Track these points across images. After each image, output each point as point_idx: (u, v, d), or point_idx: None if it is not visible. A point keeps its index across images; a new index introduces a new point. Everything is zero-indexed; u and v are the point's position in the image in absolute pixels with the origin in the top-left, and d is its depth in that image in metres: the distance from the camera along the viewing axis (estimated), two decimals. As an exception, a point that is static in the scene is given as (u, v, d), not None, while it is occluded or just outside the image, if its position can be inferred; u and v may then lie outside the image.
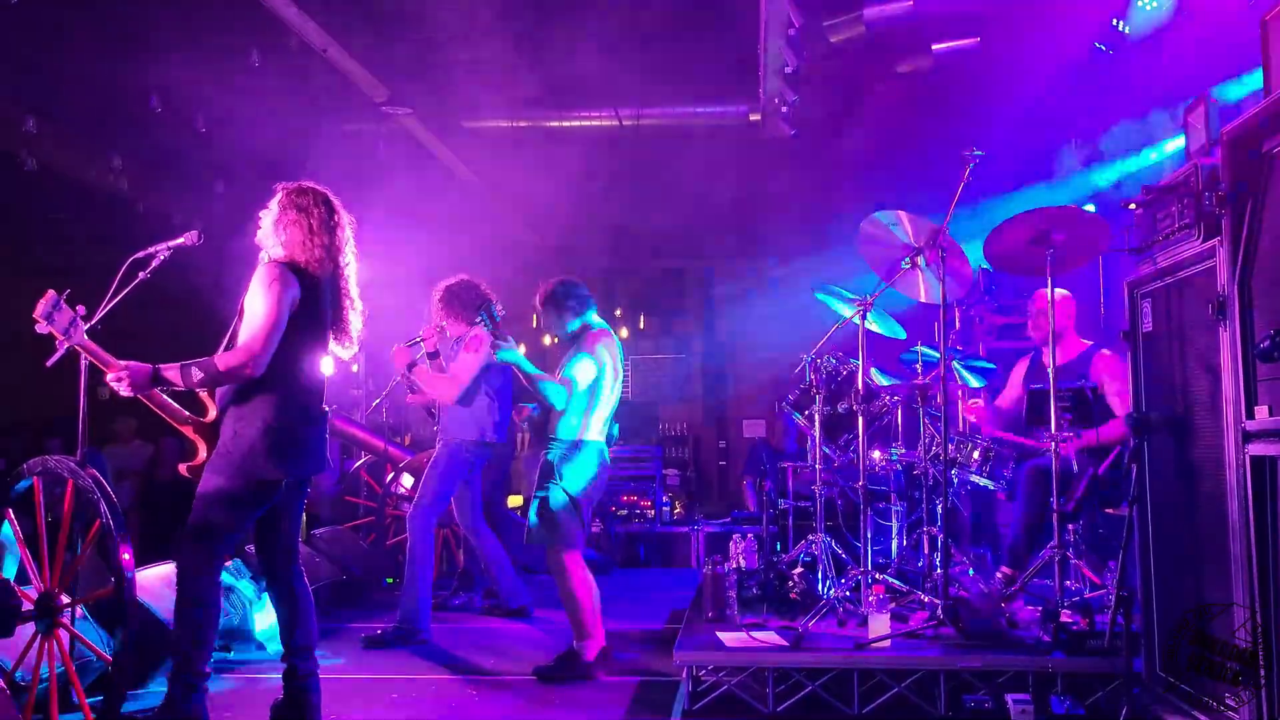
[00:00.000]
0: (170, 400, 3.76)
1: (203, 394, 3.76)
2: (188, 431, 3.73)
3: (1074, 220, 4.25)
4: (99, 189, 7.00)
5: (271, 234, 3.75)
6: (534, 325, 10.18)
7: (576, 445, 4.54)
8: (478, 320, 4.65)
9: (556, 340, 5.84)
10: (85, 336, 3.58)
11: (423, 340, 5.65)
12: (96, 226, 6.71)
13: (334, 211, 3.81)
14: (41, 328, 3.47)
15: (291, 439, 3.66)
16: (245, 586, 5.10)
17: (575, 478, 4.51)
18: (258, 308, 3.58)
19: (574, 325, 4.71)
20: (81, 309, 3.56)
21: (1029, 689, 3.77)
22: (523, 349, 4.55)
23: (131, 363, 3.59)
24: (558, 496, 4.48)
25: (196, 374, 3.54)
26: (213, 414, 3.72)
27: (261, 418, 3.61)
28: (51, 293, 3.49)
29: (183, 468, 3.73)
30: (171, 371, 3.56)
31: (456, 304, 5.54)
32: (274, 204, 3.77)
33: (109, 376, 3.58)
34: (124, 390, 3.58)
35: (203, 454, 3.69)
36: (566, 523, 4.48)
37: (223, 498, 3.60)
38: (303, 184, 3.80)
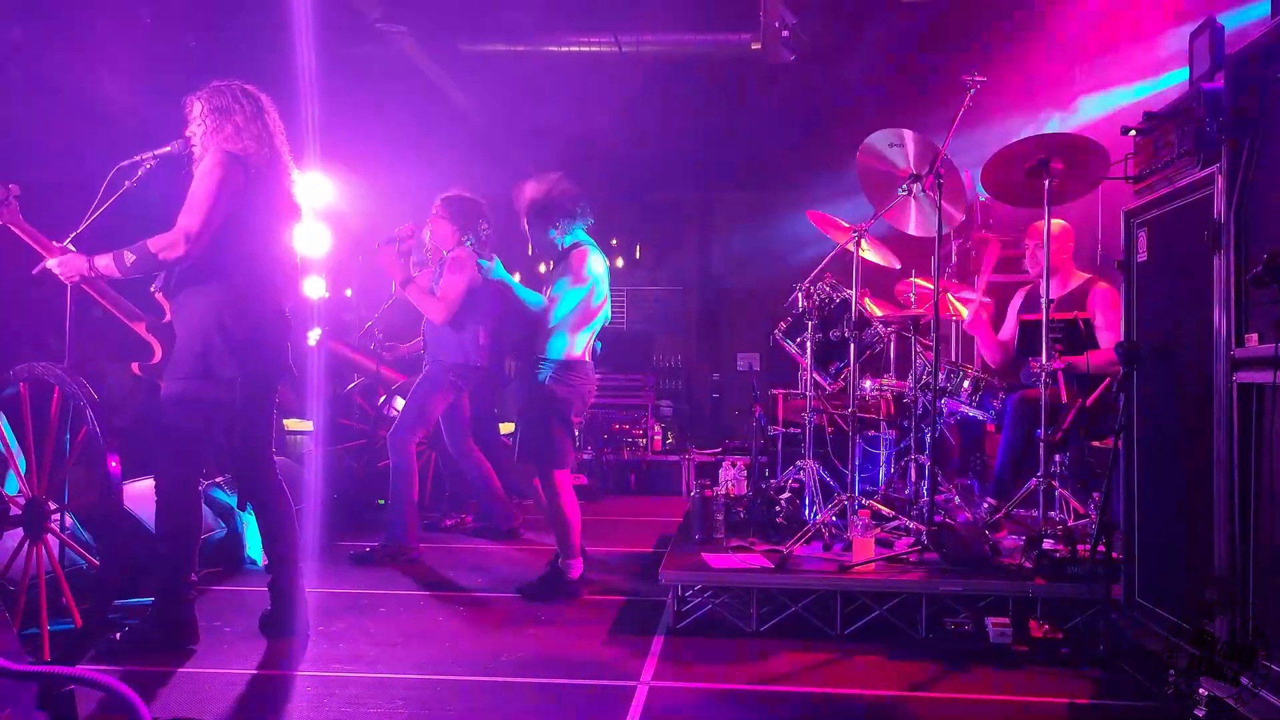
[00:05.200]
0: (120, 295, 3.75)
1: (159, 294, 3.74)
2: (141, 330, 3.72)
3: (1073, 148, 4.20)
4: (85, 102, 6.89)
5: (202, 142, 3.69)
6: (529, 253, 10.17)
7: (567, 364, 4.53)
8: (464, 241, 4.61)
9: (551, 264, 5.82)
10: (19, 215, 3.54)
11: (399, 239, 5.63)
12: (81, 142, 6.61)
13: (258, 99, 3.76)
14: None
15: (240, 337, 3.65)
16: (234, 501, 5.13)
17: (565, 398, 4.51)
18: (197, 190, 3.56)
19: (562, 240, 4.66)
20: (15, 188, 3.53)
21: (1009, 613, 3.82)
22: (518, 276, 4.52)
23: (69, 250, 3.58)
24: (549, 415, 4.48)
25: (129, 257, 3.55)
26: (170, 315, 3.71)
27: (208, 316, 3.61)
28: None
29: (135, 367, 3.72)
30: (105, 259, 3.57)
31: (450, 216, 5.48)
32: (196, 114, 3.71)
33: (46, 261, 3.59)
34: (60, 275, 3.59)
35: (158, 354, 3.68)
36: (558, 441, 4.49)
37: (182, 400, 3.62)
38: (216, 84, 3.74)
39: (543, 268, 9.50)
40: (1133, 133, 3.59)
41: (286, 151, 3.85)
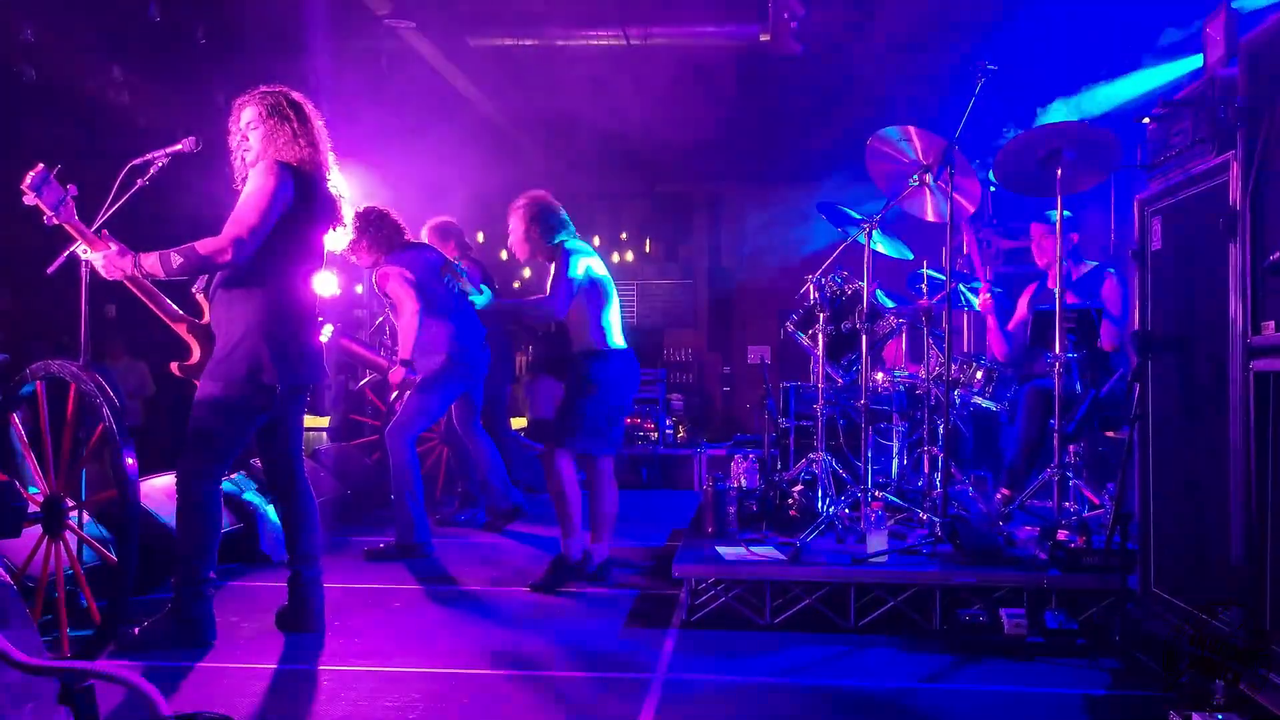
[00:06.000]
0: (163, 295, 3.76)
1: (199, 295, 3.76)
2: (181, 330, 3.75)
3: (1085, 137, 4.17)
4: (98, 99, 6.93)
5: (259, 150, 3.69)
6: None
7: (603, 354, 4.60)
8: (445, 282, 4.65)
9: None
10: (75, 216, 3.55)
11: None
12: (96, 140, 6.64)
13: (305, 107, 3.78)
14: (29, 199, 3.41)
15: (285, 343, 3.66)
16: (252, 498, 5.16)
17: (603, 383, 4.57)
18: (249, 197, 3.56)
19: (552, 242, 4.71)
20: (73, 188, 3.52)
21: (1024, 604, 3.81)
22: (522, 279, 4.54)
23: (116, 246, 3.59)
24: (575, 399, 4.54)
25: (175, 259, 3.52)
26: (209, 316, 3.73)
27: (253, 322, 3.62)
28: (41, 166, 3.42)
29: (174, 366, 3.75)
30: (151, 259, 3.55)
31: (368, 241, 5.46)
32: (252, 118, 3.70)
33: (93, 256, 3.58)
34: (103, 272, 3.59)
35: (196, 354, 3.70)
36: (572, 422, 4.53)
37: (219, 404, 3.63)
38: (264, 90, 3.74)
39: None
40: (1146, 120, 3.56)
41: (331, 157, 3.87)
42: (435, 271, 5.42)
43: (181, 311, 3.79)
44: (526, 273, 10.35)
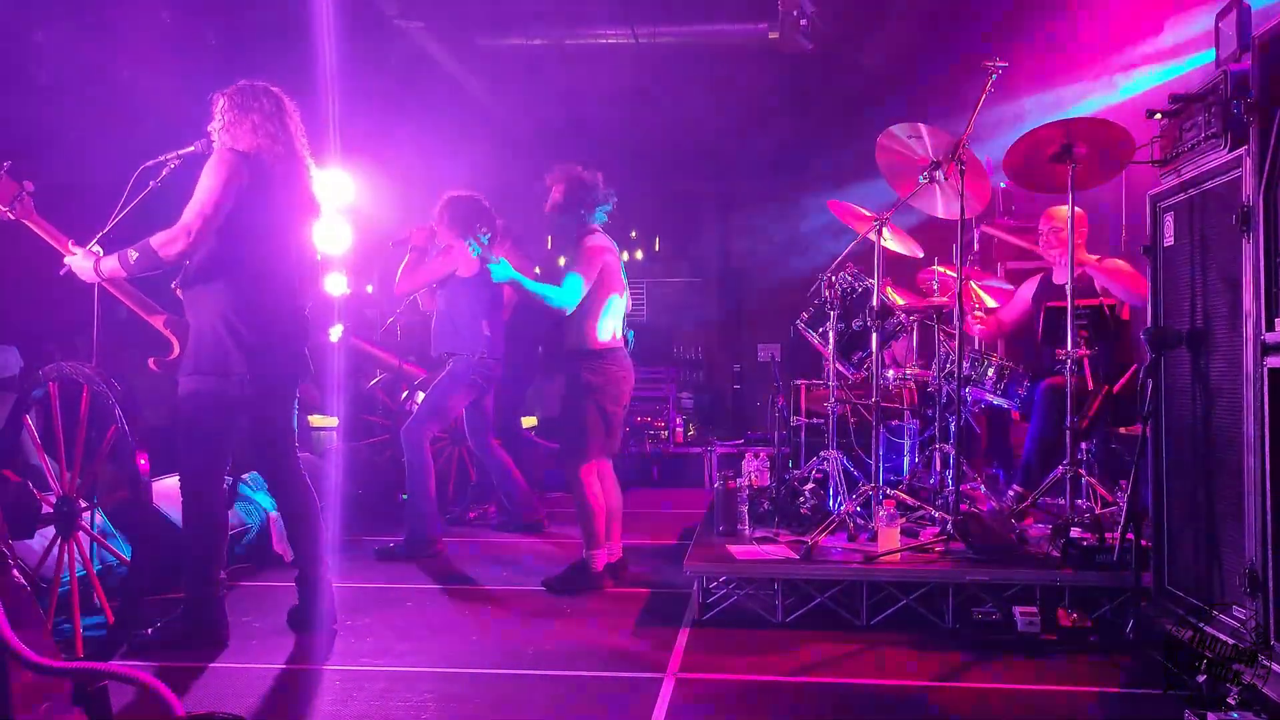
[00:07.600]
0: (137, 290, 3.79)
1: (179, 291, 3.78)
2: (158, 324, 3.76)
3: (1097, 132, 4.15)
4: (107, 102, 6.94)
5: (220, 140, 3.72)
6: (548, 246, 10.20)
7: (593, 352, 4.55)
8: (467, 244, 4.66)
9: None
10: (34, 212, 3.59)
11: (410, 239, 5.71)
12: (106, 140, 6.67)
13: (279, 100, 3.78)
14: None
15: (251, 335, 3.66)
16: (263, 498, 5.17)
17: (600, 386, 4.53)
18: (200, 187, 3.59)
19: (583, 223, 4.68)
20: (29, 184, 3.58)
21: (1037, 602, 3.79)
22: (538, 269, 4.52)
23: (78, 250, 3.65)
24: (582, 406, 4.51)
25: (133, 255, 3.57)
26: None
27: (217, 313, 3.64)
28: None
29: (152, 362, 3.76)
30: (110, 260, 3.61)
31: (449, 215, 5.52)
32: (218, 111, 3.73)
33: (68, 260, 3.65)
34: (78, 273, 3.64)
35: (175, 350, 3.71)
36: (586, 434, 4.51)
37: (198, 397, 3.65)
38: (240, 83, 3.77)
39: (562, 260, 9.49)
40: (1159, 115, 3.54)
41: (305, 149, 3.87)
42: (488, 281, 5.46)
43: (157, 306, 3.80)
44: (536, 269, 10.35)
